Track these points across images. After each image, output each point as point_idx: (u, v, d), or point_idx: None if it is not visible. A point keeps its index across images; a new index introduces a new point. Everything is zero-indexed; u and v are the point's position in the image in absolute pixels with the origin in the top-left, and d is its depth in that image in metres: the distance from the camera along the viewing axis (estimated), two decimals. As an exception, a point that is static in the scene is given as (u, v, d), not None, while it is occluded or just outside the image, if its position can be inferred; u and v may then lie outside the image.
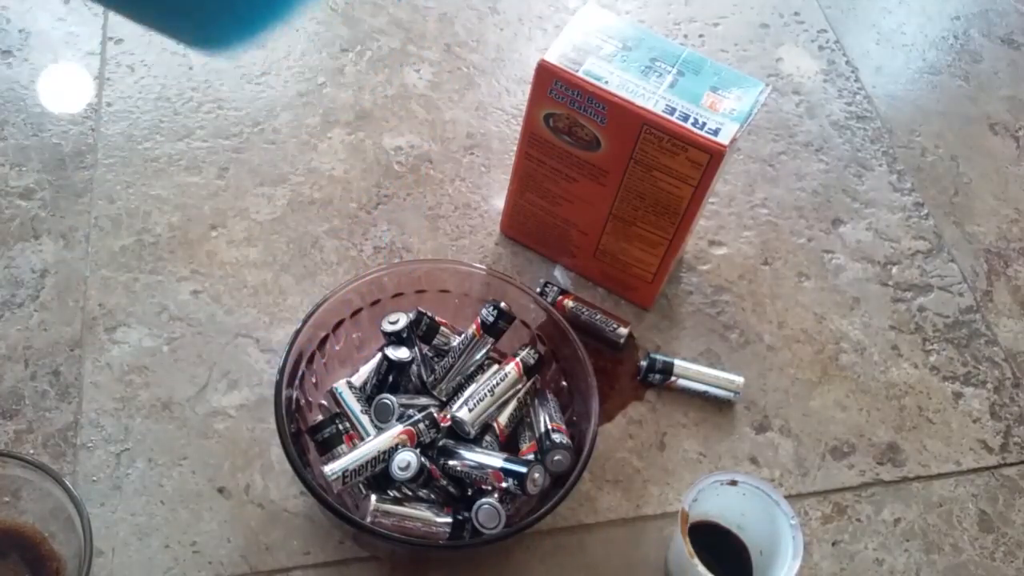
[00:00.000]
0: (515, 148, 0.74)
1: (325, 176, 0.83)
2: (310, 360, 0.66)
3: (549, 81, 0.67)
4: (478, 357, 0.67)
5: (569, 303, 0.76)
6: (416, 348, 0.68)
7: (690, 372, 0.74)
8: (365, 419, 0.64)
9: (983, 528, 0.72)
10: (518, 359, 0.67)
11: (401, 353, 0.66)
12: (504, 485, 0.61)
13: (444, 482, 0.63)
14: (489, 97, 0.91)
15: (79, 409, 0.67)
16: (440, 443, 0.63)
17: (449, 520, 0.60)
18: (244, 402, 0.69)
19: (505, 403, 0.66)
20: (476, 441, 0.65)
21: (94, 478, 0.65)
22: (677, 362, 0.74)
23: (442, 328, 0.69)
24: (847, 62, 1.01)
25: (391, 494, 0.62)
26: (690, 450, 0.72)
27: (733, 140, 0.65)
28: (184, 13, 0.30)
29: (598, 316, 0.75)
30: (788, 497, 0.70)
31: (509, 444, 0.67)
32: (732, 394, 0.74)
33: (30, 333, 0.71)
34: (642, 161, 0.68)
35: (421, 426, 0.62)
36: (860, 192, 0.91)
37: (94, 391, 0.68)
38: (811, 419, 0.75)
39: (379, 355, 0.67)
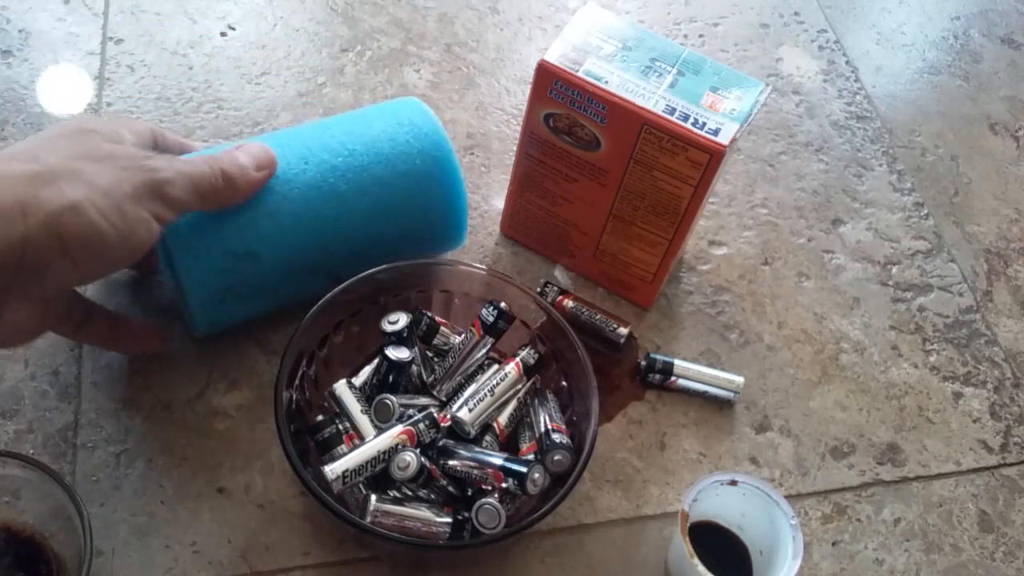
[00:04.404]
0: (515, 148, 0.74)
1: (325, 176, 0.83)
2: (310, 360, 0.66)
3: (549, 81, 0.67)
4: (478, 357, 0.67)
5: (569, 303, 0.76)
6: (416, 348, 0.68)
7: (690, 372, 0.74)
8: (365, 419, 0.64)
9: (983, 528, 0.72)
10: (518, 359, 0.67)
11: (401, 353, 0.65)
12: (504, 485, 0.61)
13: (444, 482, 0.63)
14: (489, 97, 0.91)
15: (79, 409, 0.67)
16: (440, 443, 0.63)
17: (449, 520, 0.60)
18: (244, 402, 0.69)
19: (505, 403, 0.66)
20: (476, 441, 0.65)
21: (94, 478, 0.65)
22: (677, 362, 0.74)
23: (442, 328, 0.69)
24: (847, 62, 1.01)
25: (391, 494, 0.62)
26: (690, 450, 0.72)
27: (733, 140, 0.65)
28: None
29: (598, 316, 0.75)
30: (788, 497, 0.70)
31: (509, 444, 0.67)
32: (732, 394, 0.74)
33: (30, 333, 0.71)
34: (642, 161, 0.68)
35: (421, 426, 0.62)
36: (860, 192, 0.91)
37: (94, 391, 0.68)
38: (811, 419, 0.75)
39: (379, 355, 0.67)
